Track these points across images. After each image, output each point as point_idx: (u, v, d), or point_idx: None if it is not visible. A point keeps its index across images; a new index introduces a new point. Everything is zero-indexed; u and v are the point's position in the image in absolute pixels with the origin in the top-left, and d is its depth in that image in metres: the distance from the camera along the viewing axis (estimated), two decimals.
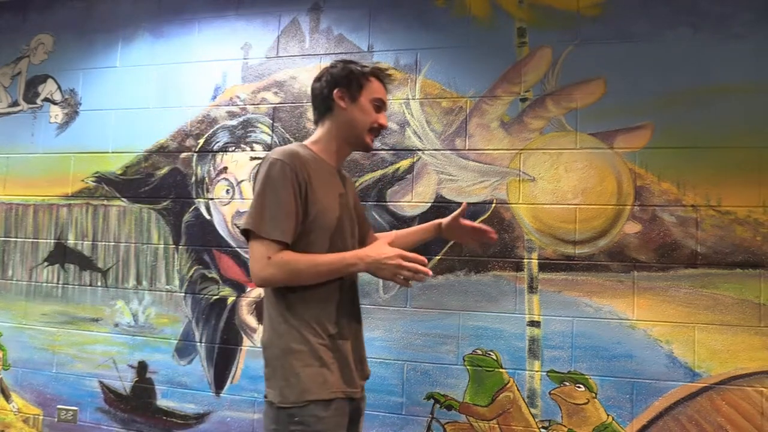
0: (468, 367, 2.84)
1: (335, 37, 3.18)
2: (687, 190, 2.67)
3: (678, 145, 2.67)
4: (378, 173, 3.04)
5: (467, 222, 2.09)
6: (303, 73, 3.20)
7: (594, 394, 2.70)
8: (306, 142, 1.79)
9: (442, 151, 2.97)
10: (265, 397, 1.67)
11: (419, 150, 2.99)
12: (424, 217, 2.94)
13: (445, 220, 2.11)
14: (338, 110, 1.76)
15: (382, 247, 1.64)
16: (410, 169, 2.99)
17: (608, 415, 2.68)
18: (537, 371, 2.77)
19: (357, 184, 3.05)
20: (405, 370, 2.90)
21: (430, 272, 1.61)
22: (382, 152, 3.04)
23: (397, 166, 3.01)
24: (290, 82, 3.22)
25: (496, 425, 2.79)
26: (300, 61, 3.22)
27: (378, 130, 1.81)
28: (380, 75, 1.82)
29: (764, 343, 2.56)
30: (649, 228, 2.70)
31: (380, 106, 1.80)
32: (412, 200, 2.98)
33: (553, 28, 2.88)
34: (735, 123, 2.63)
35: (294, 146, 1.72)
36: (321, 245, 1.66)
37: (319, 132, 1.80)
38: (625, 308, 2.69)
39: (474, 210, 2.88)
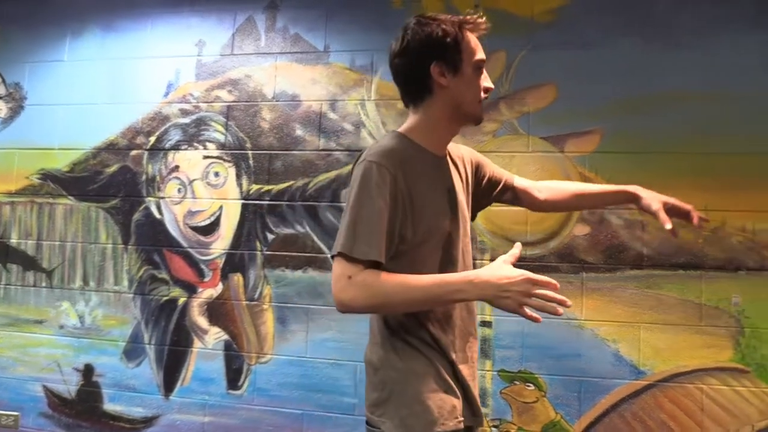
0: None
1: (291, 36, 3.17)
2: None
3: (626, 150, 2.75)
4: (332, 174, 3.03)
5: (673, 202, 1.69)
6: (258, 72, 3.17)
7: (543, 393, 2.75)
8: (402, 130, 1.46)
9: None
10: (370, 424, 1.40)
11: None
12: None
13: (647, 195, 1.70)
14: (439, 90, 1.41)
15: (503, 267, 1.29)
16: None
17: (557, 413, 2.74)
18: (488, 370, 2.80)
19: (311, 184, 3.05)
20: (358, 371, 2.90)
21: (569, 302, 1.25)
22: (337, 152, 3.04)
23: (351, 166, 3.00)
24: (245, 81, 3.19)
25: None
26: (255, 60, 3.19)
27: (486, 96, 1.47)
28: (475, 26, 1.43)
29: (704, 341, 2.65)
30: (598, 230, 2.77)
31: (482, 66, 1.45)
32: None
33: (508, 33, 2.92)
34: (681, 130, 2.72)
35: (391, 141, 1.41)
36: (433, 259, 1.40)
37: (417, 117, 1.45)
38: (573, 308, 2.75)
39: None
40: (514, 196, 1.73)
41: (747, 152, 2.66)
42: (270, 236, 3.07)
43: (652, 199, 1.67)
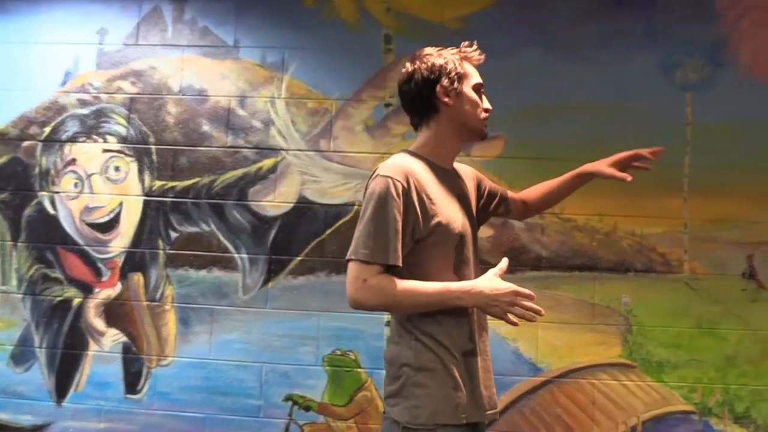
0: (327, 368, 2.86)
1: (200, 29, 3.09)
2: None
3: (527, 156, 2.86)
4: (240, 171, 2.98)
5: (617, 157, 1.93)
6: (163, 64, 3.08)
7: None
8: (413, 148, 1.65)
9: (306, 152, 2.97)
10: (384, 413, 1.57)
11: (283, 150, 2.98)
12: (286, 218, 2.94)
13: (597, 166, 1.92)
14: (444, 108, 1.61)
15: (494, 280, 1.51)
16: (273, 169, 2.97)
17: None
18: None
19: (217, 182, 2.99)
20: (263, 372, 2.87)
21: (542, 311, 1.49)
22: (245, 150, 3.00)
23: (260, 165, 2.98)
24: (150, 72, 3.08)
25: (354, 424, 2.83)
26: (161, 51, 3.09)
27: (487, 116, 1.68)
28: (471, 57, 1.66)
29: (596, 339, 2.81)
30: (501, 233, 2.87)
31: (480, 89, 1.66)
32: (274, 200, 2.95)
33: (419, 37, 2.95)
34: (578, 138, 2.86)
35: (402, 158, 1.59)
36: (448, 259, 1.57)
37: (425, 135, 1.65)
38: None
39: (336, 212, 2.91)
40: (506, 208, 1.93)
41: None
42: (173, 234, 2.99)
43: (601, 165, 1.93)
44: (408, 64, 1.64)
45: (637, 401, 2.78)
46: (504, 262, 1.56)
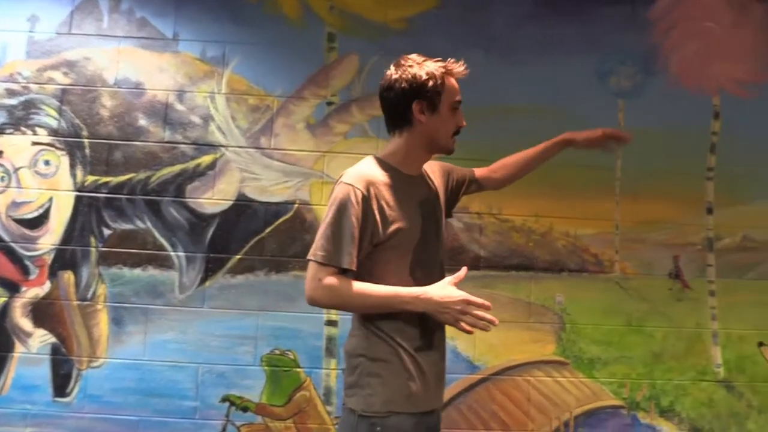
0: (265, 368, 2.83)
1: (137, 20, 3.00)
2: (473, 199, 2.89)
3: (466, 158, 2.82)
4: (177, 167, 2.91)
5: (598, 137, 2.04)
6: (98, 55, 2.97)
7: None
8: (382, 155, 1.70)
9: (246, 149, 2.93)
10: (344, 404, 1.64)
11: (223, 146, 2.93)
12: (224, 216, 2.89)
13: (581, 137, 2.03)
14: (418, 124, 1.64)
15: (446, 288, 1.56)
16: (212, 165, 2.92)
17: None
18: (333, 369, 2.84)
19: (154, 178, 2.92)
20: (200, 372, 2.81)
21: (497, 320, 1.52)
22: (183, 146, 2.93)
23: (198, 161, 2.92)
24: (83, 63, 2.97)
25: (292, 424, 2.81)
26: (96, 41, 2.98)
27: (458, 131, 1.73)
28: (455, 73, 1.69)
29: (532, 336, 2.88)
30: None
31: (458, 106, 1.71)
32: (212, 197, 2.90)
33: (362, 37, 2.99)
34: (515, 140, 2.84)
35: (367, 165, 1.66)
36: (405, 261, 1.62)
37: (396, 143, 1.69)
38: None
39: (276, 210, 2.89)
40: (478, 186, 2.03)
41: (573, 164, 2.90)
42: (107, 231, 2.89)
43: (581, 139, 2.04)
44: (392, 68, 1.67)
45: (570, 397, 2.87)
46: (462, 271, 1.62)
